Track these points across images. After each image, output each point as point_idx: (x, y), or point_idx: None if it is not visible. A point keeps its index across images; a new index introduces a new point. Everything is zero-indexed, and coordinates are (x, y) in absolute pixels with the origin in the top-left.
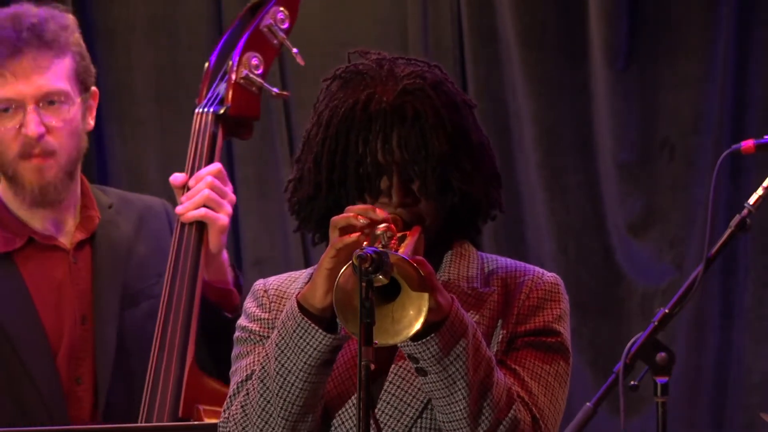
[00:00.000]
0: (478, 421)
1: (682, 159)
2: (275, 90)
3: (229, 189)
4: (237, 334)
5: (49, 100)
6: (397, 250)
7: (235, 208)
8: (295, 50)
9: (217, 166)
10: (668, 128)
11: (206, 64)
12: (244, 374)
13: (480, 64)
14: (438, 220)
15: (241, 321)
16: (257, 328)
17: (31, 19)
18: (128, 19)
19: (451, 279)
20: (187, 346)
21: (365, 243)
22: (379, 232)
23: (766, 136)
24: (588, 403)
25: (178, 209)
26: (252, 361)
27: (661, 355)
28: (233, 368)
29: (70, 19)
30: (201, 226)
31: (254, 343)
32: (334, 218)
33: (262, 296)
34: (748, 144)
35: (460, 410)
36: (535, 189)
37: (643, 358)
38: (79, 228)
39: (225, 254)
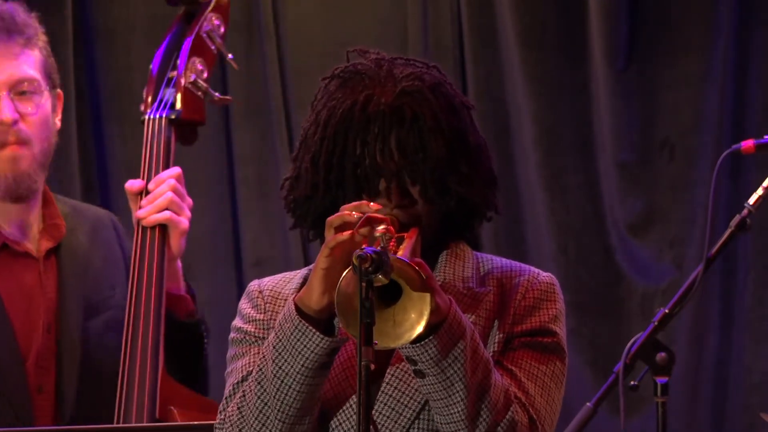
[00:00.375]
0: (476, 423)
1: (682, 159)
2: (217, 95)
3: (186, 194)
4: (232, 335)
5: (20, 90)
6: (395, 252)
7: (235, 208)
8: (230, 56)
9: (177, 170)
10: (668, 128)
11: (149, 71)
12: (240, 375)
13: (480, 64)
14: (435, 222)
15: (236, 322)
16: (252, 329)
17: (3, 13)
18: (128, 19)
19: (447, 279)
20: (159, 350)
21: (365, 244)
22: (377, 234)
23: (766, 136)
24: (588, 403)
25: (140, 213)
26: (248, 362)
27: (661, 355)
28: (229, 369)
29: (36, 20)
30: (163, 229)
31: (249, 344)
32: (330, 218)
33: (257, 297)
34: (748, 144)
35: (458, 412)
36: (535, 189)
37: (643, 358)
38: (45, 236)
39: (179, 262)
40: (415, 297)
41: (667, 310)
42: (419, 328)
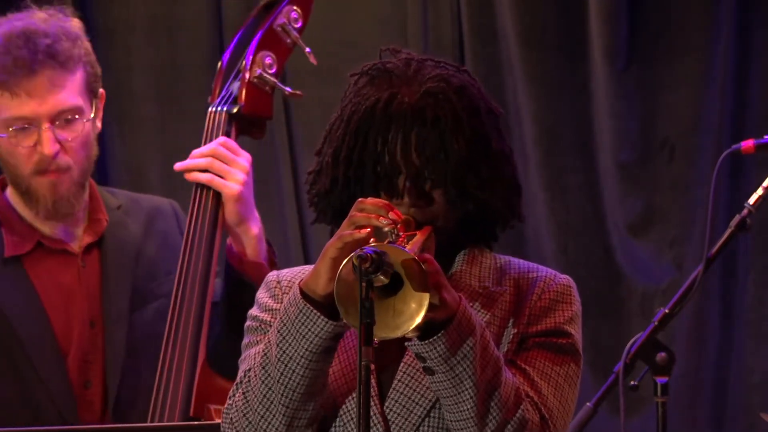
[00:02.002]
0: (486, 420)
1: (682, 159)
2: (288, 89)
3: (243, 159)
4: (248, 323)
5: (64, 118)
6: (404, 247)
7: None
8: (308, 49)
9: (222, 138)
10: (668, 128)
11: (219, 63)
12: (252, 363)
13: (480, 64)
14: (450, 223)
15: (253, 311)
16: (268, 318)
17: (45, 39)
18: (128, 19)
19: (463, 277)
20: (199, 341)
21: (372, 240)
22: (386, 229)
23: (766, 136)
24: (588, 403)
25: (177, 165)
26: (260, 350)
27: (661, 355)
28: (242, 357)
29: (78, 26)
30: (215, 193)
31: (264, 333)
32: (356, 215)
33: (275, 287)
34: (748, 144)
35: (468, 410)
36: (535, 189)
37: (643, 358)
38: (88, 232)
39: (254, 227)
40: (415, 287)
41: (667, 310)
42: (418, 319)
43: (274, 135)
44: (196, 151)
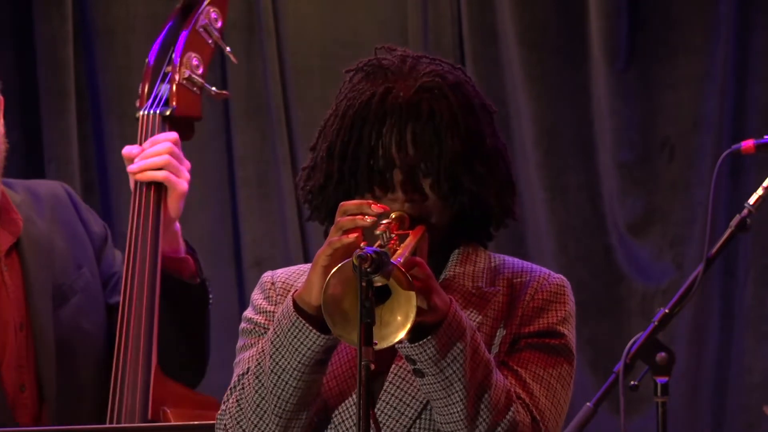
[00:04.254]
0: (476, 422)
1: (682, 159)
2: (214, 90)
3: (183, 158)
4: (242, 325)
5: None
6: (396, 250)
7: (235, 208)
8: (228, 49)
9: (174, 134)
10: (668, 128)
11: (145, 66)
12: (246, 367)
13: (480, 64)
14: (444, 219)
15: (248, 313)
16: (263, 320)
17: None
18: (128, 19)
19: (456, 278)
20: (152, 341)
21: (364, 243)
22: (378, 231)
23: (766, 136)
24: (588, 403)
25: (132, 167)
26: (254, 354)
27: (661, 355)
28: (237, 359)
29: None
30: (159, 190)
31: (259, 336)
32: (341, 220)
33: (269, 288)
34: (748, 144)
35: (458, 412)
36: (535, 189)
37: (643, 358)
38: (3, 233)
39: (177, 224)
40: (402, 299)
41: (667, 310)
42: (403, 332)
43: (275, 135)
44: (149, 150)
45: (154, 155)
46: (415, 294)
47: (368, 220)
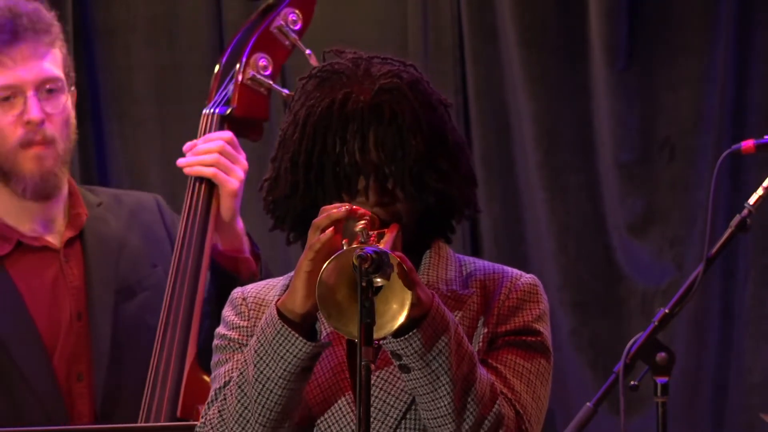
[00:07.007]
0: (463, 416)
1: (682, 159)
2: (285, 91)
3: (242, 157)
4: (216, 342)
5: (47, 88)
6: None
7: None
8: (308, 51)
9: (228, 134)
10: (668, 128)
11: (216, 66)
12: (222, 381)
13: (480, 64)
14: (413, 219)
15: (220, 329)
16: (236, 336)
17: (27, 8)
18: (128, 19)
19: (430, 281)
20: (189, 337)
21: (357, 243)
22: (357, 229)
23: (766, 136)
24: (588, 403)
25: (181, 161)
26: (230, 368)
27: (661, 355)
28: (212, 375)
29: (55, 16)
30: (210, 188)
31: (233, 351)
32: (316, 220)
33: (241, 304)
34: (748, 144)
35: (445, 406)
36: (535, 189)
37: (643, 358)
38: (68, 227)
39: (240, 222)
40: (396, 288)
41: (667, 310)
42: (401, 319)
43: (275, 135)
44: (201, 146)
45: (203, 152)
46: (409, 279)
47: (342, 209)
